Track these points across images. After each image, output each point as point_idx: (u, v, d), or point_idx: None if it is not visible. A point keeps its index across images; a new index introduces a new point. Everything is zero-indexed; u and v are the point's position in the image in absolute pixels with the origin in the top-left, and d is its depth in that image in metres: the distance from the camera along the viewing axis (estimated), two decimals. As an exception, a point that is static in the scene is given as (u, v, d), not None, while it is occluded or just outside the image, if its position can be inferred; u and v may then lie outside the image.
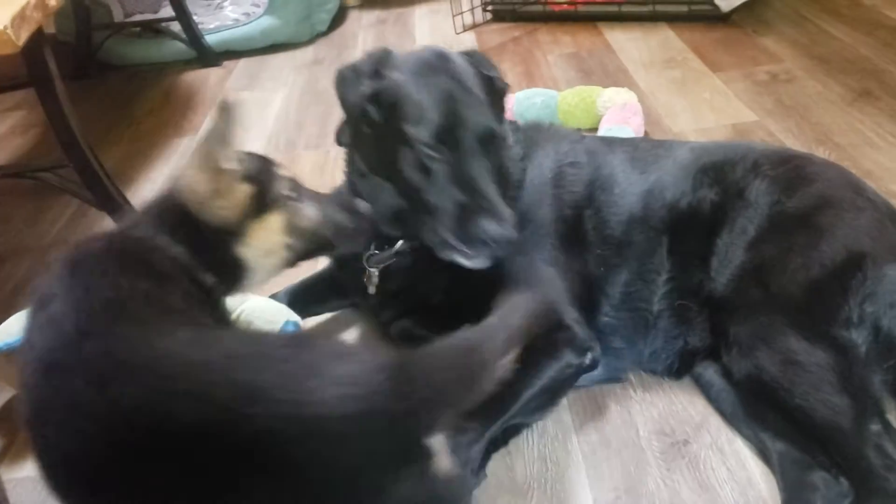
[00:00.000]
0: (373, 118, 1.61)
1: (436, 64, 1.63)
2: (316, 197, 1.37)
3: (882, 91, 2.89)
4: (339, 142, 1.75)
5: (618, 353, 1.75)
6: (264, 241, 1.30)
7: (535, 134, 1.86)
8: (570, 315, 1.65)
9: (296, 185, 1.34)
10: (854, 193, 1.66)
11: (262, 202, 1.27)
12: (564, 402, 1.70)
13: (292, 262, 1.37)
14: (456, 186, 1.53)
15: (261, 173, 1.28)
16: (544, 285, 1.66)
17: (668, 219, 1.76)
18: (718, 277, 1.66)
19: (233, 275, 1.30)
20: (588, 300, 1.72)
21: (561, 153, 1.83)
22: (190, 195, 1.24)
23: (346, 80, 1.67)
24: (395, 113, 1.57)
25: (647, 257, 1.75)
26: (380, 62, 1.62)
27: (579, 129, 2.31)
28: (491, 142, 1.60)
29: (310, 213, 1.34)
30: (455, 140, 1.55)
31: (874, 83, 2.96)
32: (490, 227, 1.49)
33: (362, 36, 4.17)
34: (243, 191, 1.26)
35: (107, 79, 3.92)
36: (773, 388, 1.47)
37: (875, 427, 1.39)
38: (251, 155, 1.30)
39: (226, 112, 1.24)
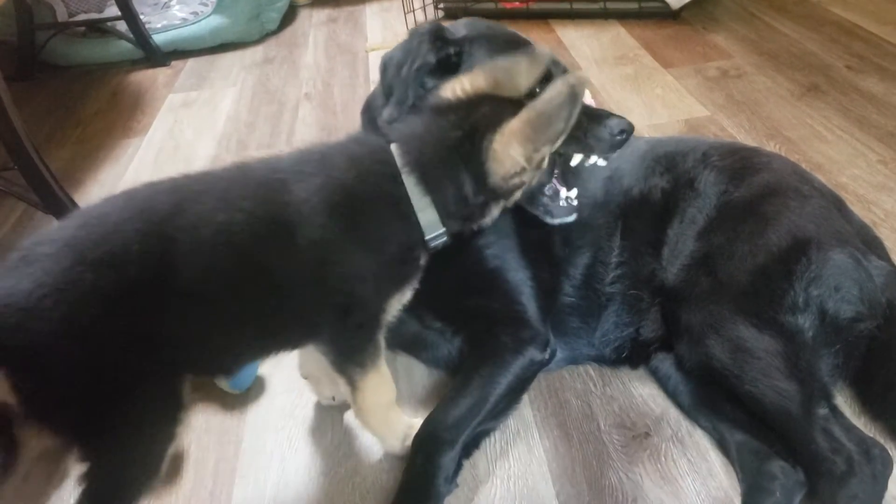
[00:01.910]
0: None
1: (484, 24, 1.65)
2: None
3: (829, 86, 2.94)
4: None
5: (576, 332, 1.77)
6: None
7: None
8: (533, 312, 1.67)
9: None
10: (799, 182, 1.69)
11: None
12: (525, 398, 1.70)
13: None
14: None
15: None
16: (512, 281, 1.67)
17: (622, 204, 1.78)
18: (670, 267, 1.68)
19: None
20: (551, 282, 1.74)
21: None
22: (498, 164, 1.25)
23: (394, 60, 1.61)
24: None
25: (605, 241, 1.77)
26: (437, 31, 1.58)
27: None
28: None
29: None
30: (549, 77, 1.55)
31: (821, 78, 3.01)
32: (613, 123, 1.55)
33: (313, 34, 4.13)
34: (543, 167, 1.29)
35: (51, 80, 3.82)
36: (723, 375, 1.49)
37: (822, 411, 1.41)
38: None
39: (575, 93, 1.22)
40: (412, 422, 1.55)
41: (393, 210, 1.29)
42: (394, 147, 1.31)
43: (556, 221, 1.62)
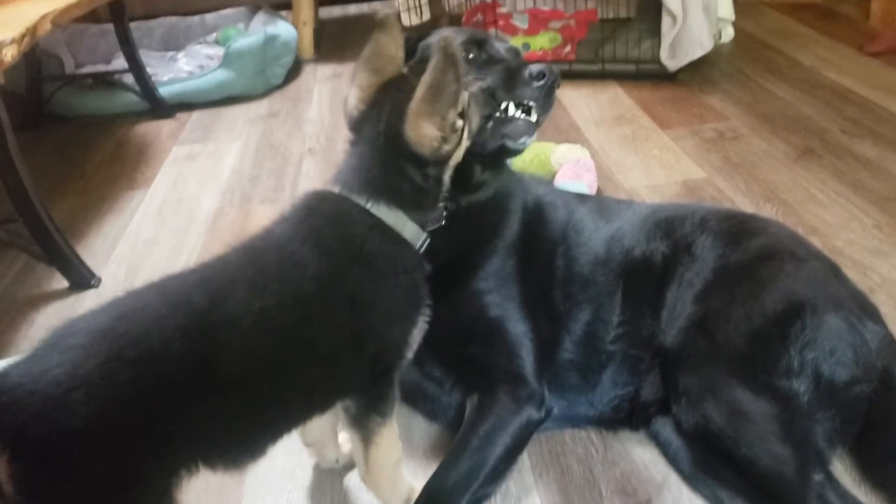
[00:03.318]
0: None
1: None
2: None
3: (824, 149, 2.99)
4: None
5: (575, 389, 1.77)
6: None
7: (516, 178, 1.90)
8: (531, 368, 1.68)
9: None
10: (795, 246, 1.72)
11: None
12: (527, 462, 1.70)
13: None
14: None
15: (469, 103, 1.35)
16: (513, 332, 1.69)
17: (624, 263, 1.81)
18: (668, 329, 1.69)
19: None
20: (550, 336, 1.75)
21: (541, 193, 1.91)
22: (420, 145, 1.29)
23: None
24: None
25: (607, 298, 1.79)
26: None
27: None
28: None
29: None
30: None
31: (816, 141, 3.06)
32: (533, 68, 1.65)
33: (318, 89, 4.18)
34: (459, 126, 1.32)
35: (57, 130, 3.85)
36: (720, 438, 1.50)
37: (818, 477, 1.42)
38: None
39: (449, 53, 1.24)
40: (414, 485, 1.55)
41: (385, 242, 1.32)
42: (342, 191, 1.34)
43: (521, 141, 1.67)
